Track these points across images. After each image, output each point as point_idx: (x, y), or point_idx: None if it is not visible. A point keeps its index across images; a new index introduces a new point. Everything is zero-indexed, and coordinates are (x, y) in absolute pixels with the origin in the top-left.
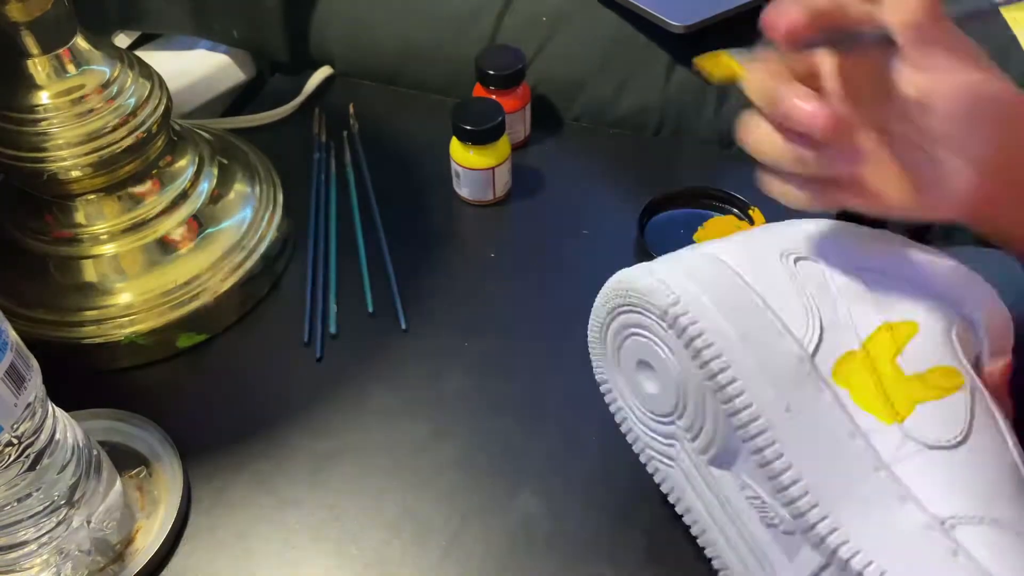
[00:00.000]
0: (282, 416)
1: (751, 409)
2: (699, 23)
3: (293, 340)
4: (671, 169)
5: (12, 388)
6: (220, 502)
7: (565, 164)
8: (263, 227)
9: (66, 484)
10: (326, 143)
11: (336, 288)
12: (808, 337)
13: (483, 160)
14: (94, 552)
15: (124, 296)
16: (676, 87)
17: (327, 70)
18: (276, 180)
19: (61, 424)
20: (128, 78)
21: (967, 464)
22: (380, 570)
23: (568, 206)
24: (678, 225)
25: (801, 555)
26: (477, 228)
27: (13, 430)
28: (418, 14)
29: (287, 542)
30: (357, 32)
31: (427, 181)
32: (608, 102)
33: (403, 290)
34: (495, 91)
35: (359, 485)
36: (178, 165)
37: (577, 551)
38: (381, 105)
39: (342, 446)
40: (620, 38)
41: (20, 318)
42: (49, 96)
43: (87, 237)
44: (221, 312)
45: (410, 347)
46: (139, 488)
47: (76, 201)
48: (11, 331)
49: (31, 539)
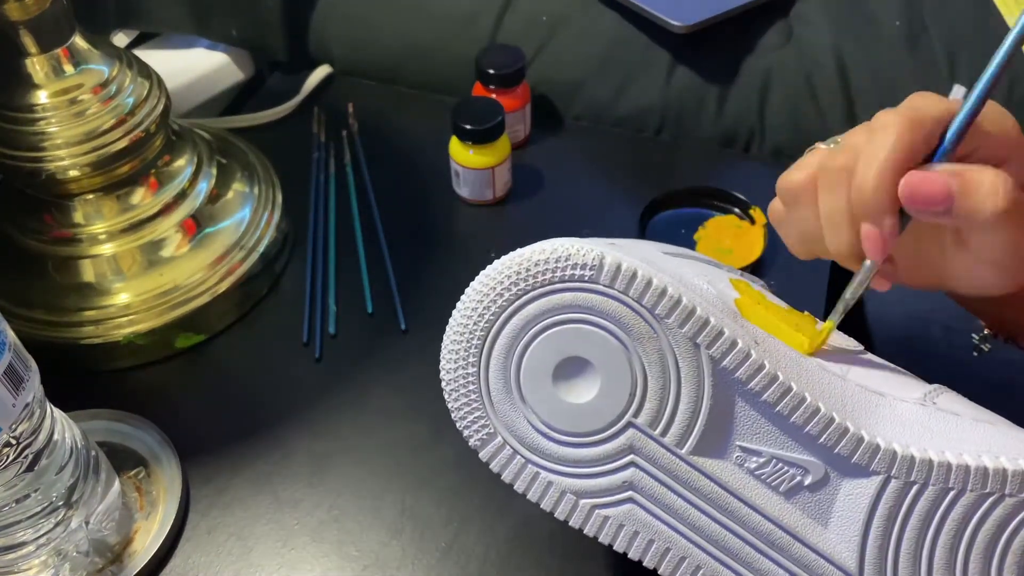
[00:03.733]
0: (281, 416)
1: (741, 342)
2: (700, 23)
3: (292, 340)
4: (672, 169)
5: (10, 388)
6: (219, 503)
7: (565, 164)
8: (262, 227)
9: (64, 485)
10: (325, 142)
11: (335, 288)
12: (704, 284)
13: (483, 160)
14: (92, 553)
15: (122, 296)
16: (677, 87)
17: (326, 69)
18: (275, 180)
19: (59, 425)
20: (126, 77)
21: (880, 361)
22: (380, 570)
23: (568, 206)
24: (679, 225)
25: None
26: (477, 228)
27: (11, 431)
28: (418, 13)
29: (286, 542)
30: (357, 31)
31: (427, 181)
32: (608, 102)
33: (403, 290)
34: (495, 90)
35: (359, 485)
36: (176, 165)
37: (577, 551)
38: (381, 104)
39: (342, 446)
40: (620, 38)
41: (18, 318)
42: (47, 95)
43: (85, 237)
44: (220, 312)
45: (410, 347)
46: (138, 489)
47: (74, 201)
48: (9, 331)
49: (29, 540)
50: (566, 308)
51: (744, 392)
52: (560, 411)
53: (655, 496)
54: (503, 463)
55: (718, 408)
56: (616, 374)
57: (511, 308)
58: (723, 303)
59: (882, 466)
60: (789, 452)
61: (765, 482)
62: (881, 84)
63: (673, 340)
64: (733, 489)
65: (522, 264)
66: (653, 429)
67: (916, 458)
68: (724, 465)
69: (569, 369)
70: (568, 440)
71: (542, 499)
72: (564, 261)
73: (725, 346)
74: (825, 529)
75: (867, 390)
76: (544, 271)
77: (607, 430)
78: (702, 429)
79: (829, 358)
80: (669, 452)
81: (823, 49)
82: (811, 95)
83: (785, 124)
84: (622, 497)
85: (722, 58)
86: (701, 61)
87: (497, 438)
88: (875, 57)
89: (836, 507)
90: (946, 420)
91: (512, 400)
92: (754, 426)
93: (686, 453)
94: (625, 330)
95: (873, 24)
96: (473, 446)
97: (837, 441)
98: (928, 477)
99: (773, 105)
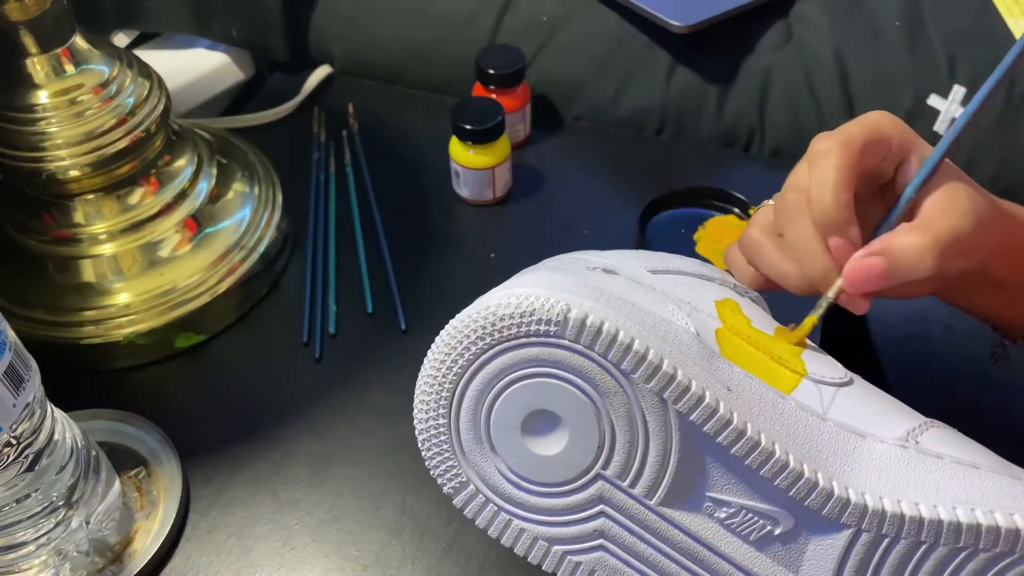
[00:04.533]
0: (281, 416)
1: (708, 395)
2: (700, 23)
3: (292, 340)
4: (672, 169)
5: (11, 388)
6: (219, 502)
7: (565, 164)
8: (262, 227)
9: (65, 485)
10: (325, 142)
11: (335, 288)
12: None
13: (483, 160)
14: (92, 553)
15: (123, 296)
16: (677, 87)
17: (326, 69)
18: (275, 180)
19: (60, 424)
20: (127, 77)
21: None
22: (380, 570)
23: (568, 206)
24: (679, 225)
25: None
26: (477, 228)
27: (12, 430)
28: (418, 13)
29: (286, 542)
30: (357, 31)
31: (427, 181)
32: (608, 102)
33: (403, 290)
34: (495, 90)
35: (359, 485)
36: (177, 165)
37: None
38: (381, 104)
39: (341, 446)
40: (620, 38)
41: (19, 318)
42: (48, 95)
43: (86, 237)
44: (220, 312)
45: (410, 347)
46: (138, 489)
47: (75, 201)
48: (10, 331)
49: (30, 540)
50: (532, 362)
51: (712, 445)
52: (529, 462)
53: (625, 544)
54: (476, 510)
55: (687, 460)
56: (584, 427)
57: (477, 362)
58: (699, 342)
59: (852, 519)
60: (759, 503)
61: (735, 532)
62: (881, 84)
63: (640, 394)
64: (703, 539)
65: (487, 318)
66: (622, 481)
67: (887, 512)
68: (694, 515)
69: (537, 421)
70: (538, 490)
71: (515, 544)
72: (528, 316)
73: (692, 401)
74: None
75: (846, 431)
76: (509, 326)
77: (576, 481)
78: (671, 481)
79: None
80: (638, 503)
81: (823, 49)
82: (811, 95)
83: (785, 124)
84: (593, 544)
85: (722, 58)
86: (701, 61)
87: (470, 486)
88: (875, 57)
89: (806, 557)
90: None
91: (483, 450)
92: (723, 477)
93: (655, 504)
94: (592, 384)
95: (873, 24)
96: (447, 493)
97: (806, 495)
98: (900, 530)
99: (773, 105)
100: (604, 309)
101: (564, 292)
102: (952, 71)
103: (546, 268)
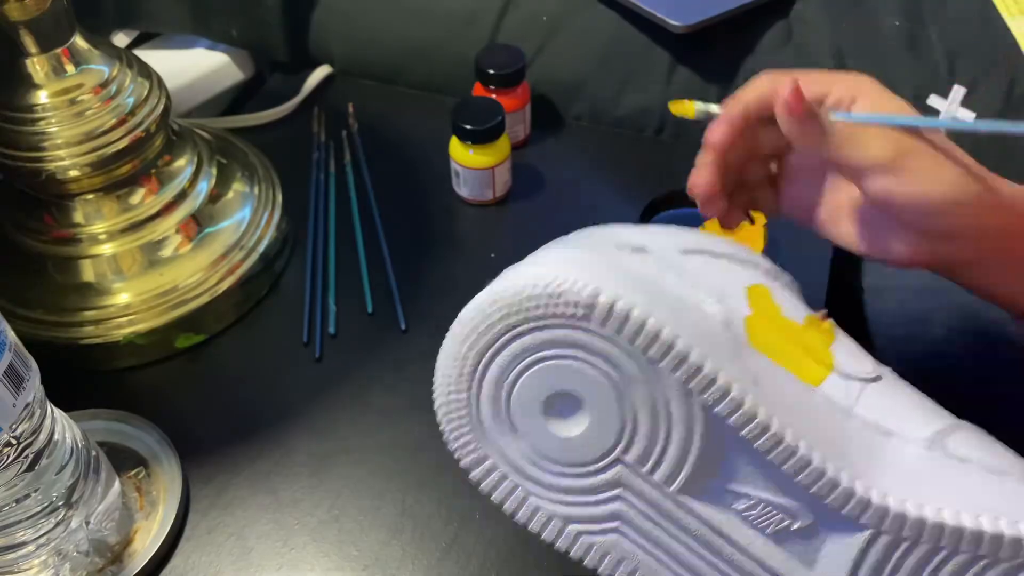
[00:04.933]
0: (281, 416)
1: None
2: (700, 23)
3: (292, 340)
4: (672, 169)
5: (11, 388)
6: (219, 503)
7: (565, 164)
8: (262, 227)
9: (64, 485)
10: (325, 142)
11: (335, 288)
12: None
13: (483, 159)
14: (92, 553)
15: (122, 296)
16: (677, 87)
17: (326, 69)
18: (275, 179)
19: (60, 424)
20: (127, 77)
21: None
22: (380, 570)
23: (568, 206)
24: (679, 225)
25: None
26: (477, 228)
27: (12, 430)
28: (418, 13)
29: (286, 542)
30: (356, 31)
31: (427, 181)
32: (608, 102)
33: (403, 290)
34: (495, 90)
35: (359, 485)
36: (176, 164)
37: None
38: (381, 104)
39: (342, 446)
40: (620, 38)
41: (18, 318)
42: (47, 95)
43: (85, 237)
44: (220, 312)
45: (410, 347)
46: (138, 489)
47: (74, 201)
48: (10, 331)
49: (29, 540)
50: (557, 343)
51: (735, 438)
52: (549, 442)
53: (641, 529)
54: (493, 484)
55: (709, 451)
56: (606, 412)
57: (502, 340)
58: (728, 330)
59: (872, 521)
60: (778, 497)
61: (752, 524)
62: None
63: (665, 383)
64: (719, 528)
65: (515, 296)
66: (641, 467)
67: (909, 516)
68: (712, 505)
69: (559, 403)
70: (556, 470)
71: (530, 521)
72: (557, 298)
73: (718, 394)
74: (810, 572)
75: (872, 428)
76: (536, 306)
77: (595, 464)
78: (690, 470)
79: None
80: (656, 489)
81: (823, 49)
82: None
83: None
84: (609, 527)
85: (722, 58)
86: (701, 61)
87: (487, 461)
88: (875, 57)
89: (823, 553)
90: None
91: (502, 427)
92: (744, 470)
93: (674, 492)
94: (616, 369)
95: (873, 24)
96: (464, 467)
97: (827, 493)
98: (919, 535)
99: None
100: (633, 294)
101: (594, 274)
102: (952, 71)
103: (576, 244)
